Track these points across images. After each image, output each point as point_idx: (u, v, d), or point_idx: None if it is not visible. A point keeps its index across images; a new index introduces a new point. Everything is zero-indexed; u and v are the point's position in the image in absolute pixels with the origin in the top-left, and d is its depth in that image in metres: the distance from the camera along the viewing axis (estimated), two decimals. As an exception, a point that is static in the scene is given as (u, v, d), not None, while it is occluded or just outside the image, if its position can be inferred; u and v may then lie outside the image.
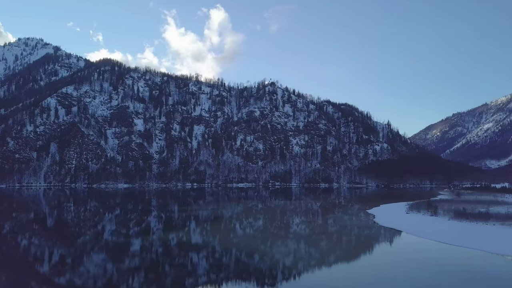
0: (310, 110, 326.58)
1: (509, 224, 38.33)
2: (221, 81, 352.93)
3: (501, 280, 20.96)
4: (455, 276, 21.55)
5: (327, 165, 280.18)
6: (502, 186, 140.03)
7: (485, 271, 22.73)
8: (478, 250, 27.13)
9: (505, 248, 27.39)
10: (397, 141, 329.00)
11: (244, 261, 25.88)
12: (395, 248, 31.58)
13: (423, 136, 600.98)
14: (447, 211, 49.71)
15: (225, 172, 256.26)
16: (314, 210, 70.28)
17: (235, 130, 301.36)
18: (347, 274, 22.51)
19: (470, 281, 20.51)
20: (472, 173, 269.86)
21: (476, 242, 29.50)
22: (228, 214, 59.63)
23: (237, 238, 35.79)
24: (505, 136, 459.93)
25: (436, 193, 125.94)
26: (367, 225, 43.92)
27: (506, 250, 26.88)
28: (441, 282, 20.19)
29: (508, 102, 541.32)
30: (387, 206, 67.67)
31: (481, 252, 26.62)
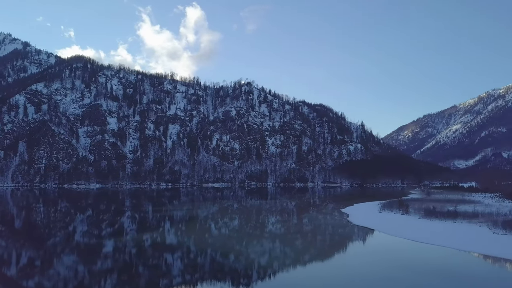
0: (286, 110, 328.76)
1: (475, 222, 39.79)
2: (197, 80, 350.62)
3: (467, 276, 21.76)
4: (424, 273, 22.20)
5: (302, 165, 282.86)
6: (469, 186, 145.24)
7: (453, 268, 23.53)
8: (446, 248, 28.06)
9: (471, 245, 28.49)
10: (370, 142, 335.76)
11: (219, 261, 25.80)
12: (367, 247, 32.24)
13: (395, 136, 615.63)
14: (418, 210, 51.11)
15: (201, 172, 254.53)
16: (289, 209, 70.80)
17: (211, 129, 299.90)
18: (321, 273, 22.80)
19: (438, 278, 21.17)
20: (442, 173, 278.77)
21: (445, 240, 30.51)
22: (203, 214, 59.27)
23: (212, 238, 35.63)
24: (472, 137, 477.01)
25: (407, 192, 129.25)
26: (341, 224, 44.62)
27: (472, 247, 27.96)
28: (410, 279, 20.76)
29: (475, 105, 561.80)
30: (361, 205, 68.94)
31: (450, 250, 27.54)
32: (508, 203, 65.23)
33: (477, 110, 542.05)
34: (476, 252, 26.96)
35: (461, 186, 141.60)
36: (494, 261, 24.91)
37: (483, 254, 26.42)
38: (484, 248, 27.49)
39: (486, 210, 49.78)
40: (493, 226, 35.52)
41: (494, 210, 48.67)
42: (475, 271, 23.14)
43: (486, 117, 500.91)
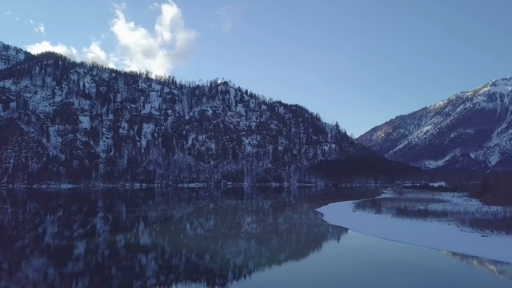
0: (262, 110, 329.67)
1: (444, 220, 41.09)
2: (173, 79, 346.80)
3: (436, 272, 22.43)
4: (396, 271, 22.75)
5: (278, 165, 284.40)
6: (439, 185, 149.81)
7: (423, 266, 24.21)
8: (418, 246, 28.87)
9: (441, 243, 29.43)
10: (345, 142, 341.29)
11: (194, 262, 25.60)
12: (342, 246, 32.76)
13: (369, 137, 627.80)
14: (390, 209, 52.28)
15: (176, 172, 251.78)
16: (265, 209, 71.03)
17: (187, 129, 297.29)
18: (296, 273, 22.99)
19: (410, 276, 21.74)
20: (413, 173, 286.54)
21: (416, 238, 31.38)
22: (179, 214, 58.69)
23: (187, 238, 35.33)
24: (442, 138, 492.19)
25: (380, 192, 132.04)
26: (316, 223, 45.12)
27: (442, 245, 28.88)
28: (384, 277, 21.23)
29: (445, 107, 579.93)
30: (335, 205, 69.93)
31: (421, 248, 28.35)
32: (475, 202, 67.69)
33: (447, 112, 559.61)
34: (445, 250, 27.84)
35: (431, 186, 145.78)
36: (462, 258, 25.80)
37: (451, 252, 27.31)
38: (452, 245, 28.45)
39: (454, 208, 51.45)
40: (461, 224, 36.77)
41: (462, 209, 50.36)
42: (444, 268, 23.87)
43: (455, 119, 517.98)
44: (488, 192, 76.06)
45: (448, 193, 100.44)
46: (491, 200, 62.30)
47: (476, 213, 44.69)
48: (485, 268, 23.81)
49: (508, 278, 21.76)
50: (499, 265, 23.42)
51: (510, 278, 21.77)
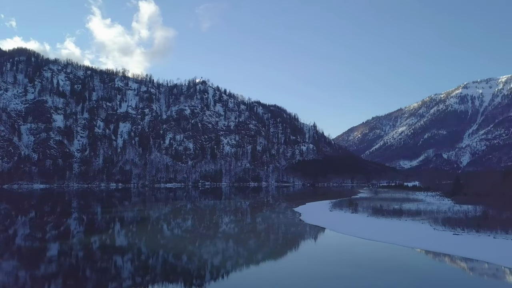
0: (241, 110, 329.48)
1: (418, 219, 42.17)
2: (150, 77, 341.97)
3: (411, 271, 22.98)
4: (372, 269, 23.17)
5: (257, 165, 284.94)
6: (413, 185, 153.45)
7: (398, 263, 24.76)
8: (393, 244, 29.49)
9: (415, 242, 30.17)
10: (322, 142, 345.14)
11: (171, 263, 25.35)
12: (319, 245, 33.12)
13: (345, 137, 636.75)
14: (366, 209, 53.20)
15: (153, 172, 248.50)
16: (243, 209, 71.03)
17: (164, 128, 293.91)
18: (274, 272, 23.08)
19: (385, 274, 22.17)
20: (388, 173, 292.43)
21: (391, 237, 32.05)
22: (155, 215, 58.00)
23: (165, 239, 34.96)
24: (416, 139, 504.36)
25: (356, 191, 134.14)
26: (294, 223, 45.45)
27: (415, 244, 29.61)
28: (360, 276, 21.58)
29: (419, 108, 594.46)
30: (312, 204, 70.62)
31: (396, 246, 28.98)
32: (447, 201, 69.71)
33: (421, 113, 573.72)
34: (419, 248, 28.55)
35: (406, 185, 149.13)
36: (435, 256, 26.51)
37: (425, 250, 28.05)
38: (426, 244, 29.22)
39: (428, 208, 52.82)
40: (433, 223, 37.81)
41: (435, 208, 51.75)
42: (418, 267, 24.48)
43: (429, 120, 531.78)
44: (460, 192, 78.47)
45: (421, 193, 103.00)
46: (462, 199, 64.29)
47: (448, 212, 46.02)
48: (457, 266, 24.55)
49: (478, 275, 22.51)
50: (469, 263, 24.18)
51: (479, 275, 22.52)
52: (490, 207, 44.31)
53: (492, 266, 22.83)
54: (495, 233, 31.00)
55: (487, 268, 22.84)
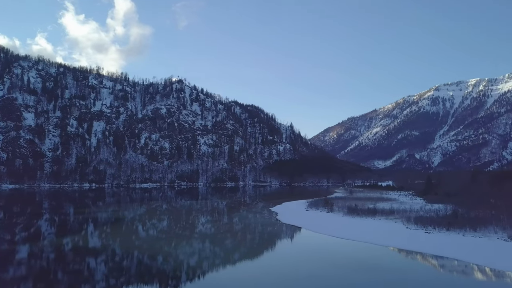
0: (218, 110, 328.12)
1: (392, 218, 43.13)
2: (125, 76, 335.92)
3: (384, 269, 23.48)
4: (348, 268, 23.54)
5: (234, 165, 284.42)
6: (387, 184, 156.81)
7: (372, 262, 25.24)
8: (367, 243, 30.04)
9: (389, 240, 30.84)
10: (299, 142, 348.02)
11: (146, 264, 24.99)
12: (295, 245, 33.37)
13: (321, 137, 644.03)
14: (342, 208, 53.98)
15: (128, 172, 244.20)
16: (220, 209, 70.78)
17: (139, 127, 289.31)
18: (250, 272, 23.11)
19: (358, 272, 22.56)
20: (363, 172, 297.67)
21: (366, 236, 32.64)
22: (130, 215, 57.04)
23: (140, 240, 34.43)
24: (390, 139, 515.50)
25: (332, 191, 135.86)
26: (270, 222, 45.62)
27: (389, 242, 30.26)
28: (335, 275, 21.89)
29: (393, 109, 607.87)
30: (289, 204, 71.08)
31: (370, 245, 29.52)
32: (420, 200, 71.58)
33: (395, 115, 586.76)
34: (393, 247, 29.20)
35: (380, 185, 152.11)
36: (407, 254, 27.19)
37: (398, 248, 28.72)
38: (399, 243, 29.93)
39: (401, 207, 54.08)
40: (406, 222, 38.76)
41: (407, 207, 53.04)
42: (391, 265, 25.03)
43: (402, 121, 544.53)
44: (431, 191, 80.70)
45: (395, 192, 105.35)
46: (433, 199, 66.16)
47: (420, 211, 47.28)
48: (428, 264, 25.25)
49: (448, 272, 23.22)
50: (440, 260, 24.92)
51: (450, 272, 23.24)
52: (459, 206, 45.79)
53: (461, 263, 23.60)
54: (464, 231, 32.06)
55: (457, 265, 23.60)
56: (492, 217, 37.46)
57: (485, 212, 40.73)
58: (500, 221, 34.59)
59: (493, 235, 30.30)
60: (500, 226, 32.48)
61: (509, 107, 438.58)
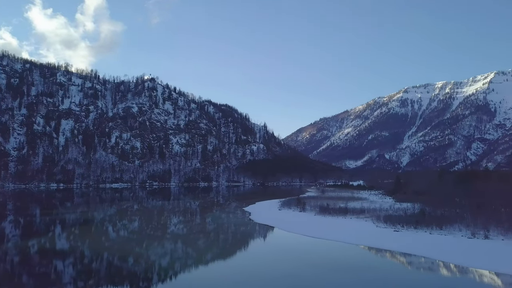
0: (191, 109, 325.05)
1: (362, 217, 44.06)
2: (95, 73, 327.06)
3: (354, 267, 23.96)
4: (318, 267, 23.87)
5: (207, 164, 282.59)
6: (358, 184, 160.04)
7: (343, 261, 25.73)
8: (338, 242, 30.58)
9: (359, 239, 31.51)
10: (272, 142, 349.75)
11: (116, 265, 24.47)
12: (268, 244, 33.54)
13: (294, 138, 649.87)
14: (314, 207, 54.69)
15: (97, 172, 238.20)
16: (192, 209, 70.21)
17: (110, 126, 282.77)
18: (223, 272, 23.05)
19: (330, 271, 22.93)
20: (335, 172, 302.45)
21: (337, 235, 33.19)
22: (100, 216, 55.70)
23: (110, 241, 33.68)
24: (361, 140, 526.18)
25: (304, 190, 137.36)
26: (244, 222, 45.65)
27: (360, 241, 30.92)
28: (308, 274, 22.13)
29: (364, 110, 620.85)
30: (262, 204, 71.36)
31: (341, 244, 30.07)
32: (389, 199, 73.47)
33: (366, 116, 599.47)
34: (363, 245, 29.84)
35: (351, 184, 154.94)
36: (377, 252, 27.87)
37: (368, 247, 29.38)
38: (369, 241, 30.64)
39: (371, 206, 55.34)
40: (376, 220, 39.70)
41: (377, 206, 54.34)
42: (361, 263, 25.57)
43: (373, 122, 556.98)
44: (400, 190, 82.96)
45: (365, 191, 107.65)
46: (402, 198, 68.03)
47: (390, 210, 48.53)
48: (397, 261, 25.97)
49: (415, 269, 23.97)
50: (408, 257, 25.70)
51: (417, 269, 23.99)
52: (427, 205, 47.32)
53: (428, 261, 24.42)
54: (431, 229, 33.16)
55: (424, 262, 24.39)
56: (457, 215, 38.92)
57: (450, 211, 42.27)
58: (464, 219, 35.99)
59: (458, 233, 31.49)
60: (464, 224, 33.78)
61: (473, 109, 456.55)
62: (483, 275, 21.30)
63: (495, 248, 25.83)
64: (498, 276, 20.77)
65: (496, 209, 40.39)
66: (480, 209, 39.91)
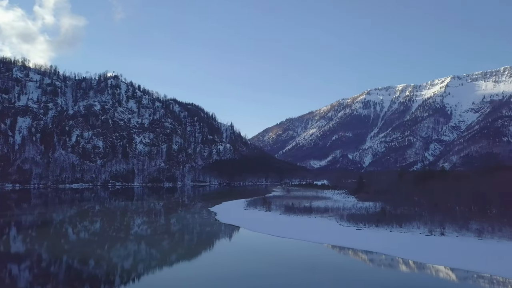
0: (156, 107, 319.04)
1: (326, 216, 44.94)
2: (55, 69, 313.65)
3: (318, 265, 24.40)
4: (283, 266, 24.11)
5: (172, 164, 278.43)
6: (322, 183, 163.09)
7: (307, 259, 26.12)
8: (303, 241, 31.03)
9: (323, 237, 32.15)
10: (239, 142, 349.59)
11: (76, 268, 23.64)
12: (234, 244, 33.51)
13: (261, 138, 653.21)
14: (279, 207, 55.20)
15: (57, 172, 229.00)
16: (156, 210, 68.99)
17: (70, 124, 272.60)
18: (188, 273, 22.81)
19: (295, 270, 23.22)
20: (300, 172, 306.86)
21: (302, 234, 33.67)
22: (59, 218, 53.62)
23: (69, 244, 32.50)
24: (325, 140, 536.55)
25: (270, 190, 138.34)
26: (209, 222, 45.37)
27: (324, 239, 31.54)
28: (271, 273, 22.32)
29: (329, 111, 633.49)
30: (228, 204, 71.21)
31: (306, 243, 30.53)
32: (352, 198, 75.37)
33: (330, 117, 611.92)
34: (327, 243, 30.45)
35: (315, 184, 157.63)
36: (340, 250, 28.53)
37: (332, 245, 30.02)
38: (333, 239, 31.32)
39: (335, 205, 56.55)
40: (340, 219, 40.61)
41: (341, 205, 55.60)
42: (325, 261, 26.08)
43: (337, 123, 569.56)
44: (363, 190, 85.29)
45: (329, 191, 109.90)
46: (364, 197, 69.99)
47: (352, 209, 49.80)
48: (359, 258, 26.70)
49: (376, 266, 24.74)
50: (369, 255, 26.47)
51: (378, 265, 24.77)
52: (387, 204, 48.92)
53: (388, 257, 25.28)
54: (391, 227, 34.34)
55: (384, 259, 25.23)
56: (416, 213, 40.54)
57: (409, 209, 43.96)
58: (422, 217, 37.54)
59: (416, 230, 32.79)
60: (422, 222, 35.24)
61: (431, 111, 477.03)
62: (439, 270, 22.30)
63: (451, 244, 27.12)
64: (453, 271, 21.81)
65: (451, 207, 42.42)
66: (437, 207, 41.78)
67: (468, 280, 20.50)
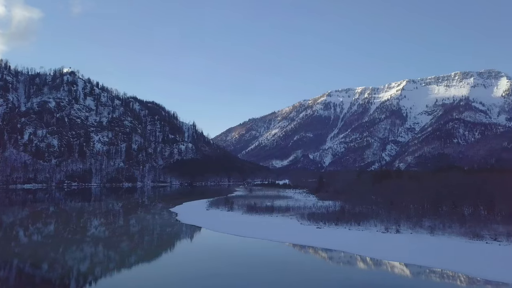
0: (115, 105, 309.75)
1: (287, 215, 45.57)
2: (6, 63, 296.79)
3: (279, 263, 24.69)
4: (245, 265, 24.20)
5: (132, 164, 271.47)
6: (284, 182, 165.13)
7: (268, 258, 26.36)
8: (265, 240, 31.27)
9: (285, 236, 32.55)
10: (201, 142, 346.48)
11: (28, 273, 22.52)
12: (195, 245, 33.21)
13: (224, 137, 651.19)
14: (242, 206, 55.28)
15: (7, 171, 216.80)
16: (115, 211, 67.03)
17: (23, 122, 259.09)
18: (148, 274, 22.35)
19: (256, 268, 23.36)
20: (262, 172, 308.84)
21: (264, 233, 33.92)
22: (9, 220, 50.86)
23: (20, 247, 30.89)
24: (287, 140, 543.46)
25: (233, 190, 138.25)
26: (170, 223, 44.68)
27: (285, 238, 31.95)
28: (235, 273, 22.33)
29: (290, 112, 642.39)
30: (190, 204, 70.43)
31: (267, 241, 30.78)
32: (312, 197, 76.82)
33: (292, 117, 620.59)
34: (288, 242, 30.86)
35: (277, 183, 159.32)
36: (301, 249, 29.01)
37: (293, 243, 30.47)
38: (294, 238, 31.79)
39: (296, 204, 57.41)
40: (300, 218, 41.30)
41: (302, 204, 56.53)
42: (286, 259, 26.41)
43: (298, 124, 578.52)
44: (323, 189, 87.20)
45: (291, 190, 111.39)
46: (324, 196, 71.55)
47: (313, 208, 50.76)
48: (319, 256, 27.28)
49: (336, 263, 25.39)
50: (329, 253, 27.13)
51: (337, 263, 25.43)
52: (346, 203, 50.30)
53: (347, 255, 26.01)
54: (350, 225, 35.36)
55: (343, 256, 25.93)
56: (373, 212, 41.96)
57: (367, 208, 45.44)
58: (379, 215, 38.93)
59: (373, 228, 33.96)
60: (379, 220, 36.56)
61: (388, 114, 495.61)
62: (395, 266, 23.23)
63: (405, 241, 28.31)
64: (407, 266, 22.78)
65: (406, 206, 44.27)
66: (393, 205, 43.47)
67: (421, 275, 21.49)
